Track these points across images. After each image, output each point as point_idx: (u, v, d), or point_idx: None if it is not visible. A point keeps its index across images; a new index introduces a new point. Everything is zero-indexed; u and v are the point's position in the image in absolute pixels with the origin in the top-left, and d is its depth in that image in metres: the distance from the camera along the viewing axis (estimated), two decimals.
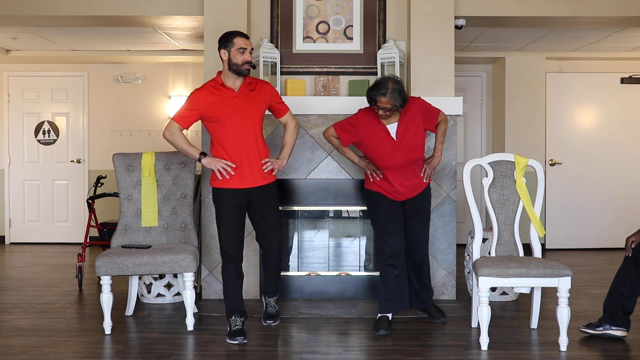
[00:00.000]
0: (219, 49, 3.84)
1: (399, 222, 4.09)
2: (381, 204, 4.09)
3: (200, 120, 3.93)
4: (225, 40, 3.83)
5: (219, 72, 3.89)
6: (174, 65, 7.87)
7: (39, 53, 7.43)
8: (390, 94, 3.81)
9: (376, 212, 4.12)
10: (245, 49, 3.79)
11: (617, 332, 3.85)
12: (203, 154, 3.86)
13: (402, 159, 3.96)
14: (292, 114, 4.10)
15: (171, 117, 7.15)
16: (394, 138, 3.95)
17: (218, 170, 3.82)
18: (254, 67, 3.88)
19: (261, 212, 3.97)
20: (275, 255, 4.07)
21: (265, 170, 3.91)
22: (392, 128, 3.97)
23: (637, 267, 3.79)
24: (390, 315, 4.10)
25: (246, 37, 3.85)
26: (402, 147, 3.94)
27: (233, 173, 3.83)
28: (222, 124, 3.82)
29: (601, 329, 3.87)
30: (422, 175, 4.07)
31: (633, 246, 3.79)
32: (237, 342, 3.76)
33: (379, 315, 4.08)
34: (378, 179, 4.07)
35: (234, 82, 3.85)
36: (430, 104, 4.09)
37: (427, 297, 4.27)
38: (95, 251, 6.93)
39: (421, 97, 4.12)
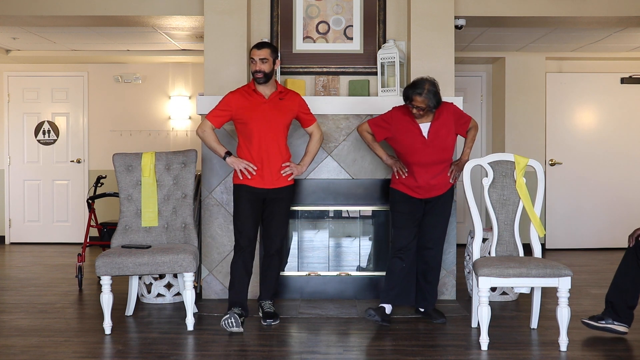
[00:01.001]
0: None
1: (415, 220, 4.21)
2: (401, 202, 4.23)
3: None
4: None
5: (253, 79, 4.15)
6: (174, 65, 7.87)
7: (39, 53, 7.43)
8: (425, 94, 3.96)
9: (395, 208, 4.27)
10: (254, 59, 4.05)
11: (620, 328, 3.86)
12: (228, 153, 4.12)
13: (432, 157, 4.09)
14: (318, 125, 4.34)
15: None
16: (425, 137, 4.07)
17: (240, 170, 4.06)
18: (268, 75, 4.06)
19: (272, 211, 4.18)
20: (275, 254, 4.23)
21: (284, 174, 4.13)
22: (425, 127, 4.10)
23: (637, 260, 3.79)
24: (388, 308, 4.13)
25: (259, 47, 4.08)
26: (433, 146, 4.07)
27: (254, 173, 4.07)
28: (248, 127, 4.07)
29: (604, 322, 3.88)
30: (449, 175, 4.19)
31: None
32: (227, 315, 3.87)
33: (379, 305, 4.14)
34: (404, 176, 4.19)
35: (264, 90, 4.11)
36: (462, 111, 4.28)
37: (430, 299, 4.28)
38: (95, 251, 6.93)
39: (454, 103, 4.24)
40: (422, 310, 4.31)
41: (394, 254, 4.19)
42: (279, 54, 4.83)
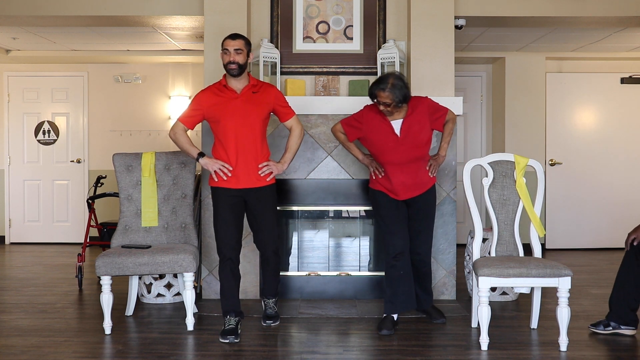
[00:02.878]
0: None
1: (402, 221, 4.08)
2: (383, 204, 4.09)
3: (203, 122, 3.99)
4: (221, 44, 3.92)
5: (225, 74, 3.94)
6: (174, 65, 7.87)
7: (39, 53, 7.43)
8: (389, 89, 3.84)
9: (379, 211, 4.13)
10: (227, 49, 3.83)
11: (627, 331, 3.86)
12: (201, 154, 3.94)
13: (405, 155, 3.97)
14: (297, 119, 4.07)
15: (176, 117, 7.17)
16: (398, 134, 3.97)
17: (214, 171, 3.89)
18: (242, 67, 3.84)
19: (256, 214, 4.00)
20: (272, 257, 4.09)
21: (262, 174, 3.93)
22: (397, 124, 3.98)
23: (637, 261, 3.78)
24: (395, 316, 4.07)
25: (233, 37, 3.86)
26: (406, 144, 3.96)
27: (230, 174, 3.88)
28: (221, 125, 3.88)
29: (610, 328, 3.89)
30: (427, 169, 4.07)
31: (635, 244, 3.78)
32: (227, 341, 3.79)
33: (384, 314, 4.07)
34: (380, 176, 4.07)
35: (236, 84, 3.90)
36: (438, 104, 4.11)
37: (426, 300, 4.26)
38: (95, 251, 6.93)
39: (429, 97, 4.14)
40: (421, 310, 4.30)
41: (390, 261, 4.05)
42: (280, 53, 4.86)
